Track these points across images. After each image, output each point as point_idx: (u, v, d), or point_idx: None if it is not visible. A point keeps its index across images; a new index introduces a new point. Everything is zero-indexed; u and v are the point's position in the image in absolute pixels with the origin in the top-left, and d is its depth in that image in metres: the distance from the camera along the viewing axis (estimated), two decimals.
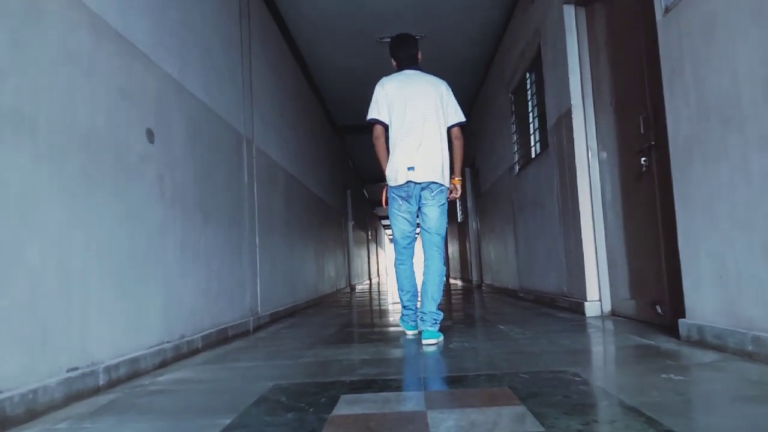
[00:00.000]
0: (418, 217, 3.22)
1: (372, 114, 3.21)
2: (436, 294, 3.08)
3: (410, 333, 3.31)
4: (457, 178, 3.29)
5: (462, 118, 3.24)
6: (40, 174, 1.82)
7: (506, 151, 6.53)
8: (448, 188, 3.20)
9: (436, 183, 3.10)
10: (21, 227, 1.72)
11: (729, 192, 2.17)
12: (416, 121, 3.10)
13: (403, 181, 3.09)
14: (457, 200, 10.50)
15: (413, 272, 3.34)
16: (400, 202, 3.15)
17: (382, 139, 3.23)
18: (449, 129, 3.23)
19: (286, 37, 6.03)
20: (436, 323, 3.00)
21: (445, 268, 3.17)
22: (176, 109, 2.96)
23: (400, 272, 3.32)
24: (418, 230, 3.19)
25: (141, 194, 2.50)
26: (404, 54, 3.29)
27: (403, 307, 3.33)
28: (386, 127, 3.20)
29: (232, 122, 3.92)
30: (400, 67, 3.32)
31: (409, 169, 3.06)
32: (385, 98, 3.17)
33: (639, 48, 3.22)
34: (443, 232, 3.17)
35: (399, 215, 3.19)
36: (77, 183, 2.02)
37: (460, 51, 6.90)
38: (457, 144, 3.27)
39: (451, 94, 3.25)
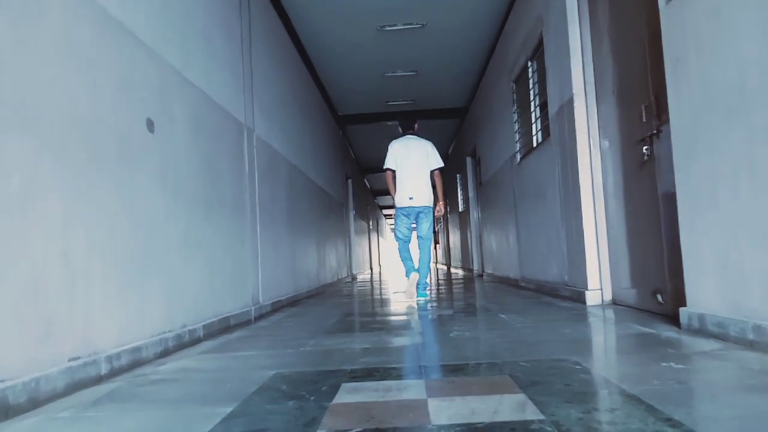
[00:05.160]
0: (414, 224, 5.33)
1: (386, 164, 5.32)
2: (425, 271, 5.22)
3: (413, 275, 5.14)
4: (441, 202, 5.09)
5: (440, 164, 5.30)
6: (42, 165, 1.82)
7: (508, 140, 6.51)
8: (433, 208, 5.29)
9: (425, 206, 5.20)
10: (24, 218, 1.72)
11: (732, 181, 2.16)
12: (412, 168, 5.19)
13: (406, 205, 5.19)
14: (458, 190, 12.25)
15: (409, 251, 5.40)
16: (403, 217, 5.26)
17: (391, 179, 5.33)
18: (432, 171, 5.28)
19: (287, 26, 5.99)
20: (424, 291, 5.18)
21: (431, 253, 5.61)
22: (178, 99, 2.94)
23: (403, 252, 5.37)
24: (413, 227, 5.37)
25: (143, 184, 2.50)
26: (405, 125, 5.47)
27: (405, 266, 5.32)
28: (394, 172, 5.28)
29: (233, 112, 3.91)
30: (404, 132, 5.46)
31: (410, 198, 5.17)
32: (394, 154, 5.26)
33: (642, 36, 3.20)
34: (430, 236, 5.31)
35: (402, 224, 5.30)
36: (79, 174, 2.02)
37: (462, 39, 6.86)
38: (437, 180, 5.34)
39: (434, 149, 5.32)
